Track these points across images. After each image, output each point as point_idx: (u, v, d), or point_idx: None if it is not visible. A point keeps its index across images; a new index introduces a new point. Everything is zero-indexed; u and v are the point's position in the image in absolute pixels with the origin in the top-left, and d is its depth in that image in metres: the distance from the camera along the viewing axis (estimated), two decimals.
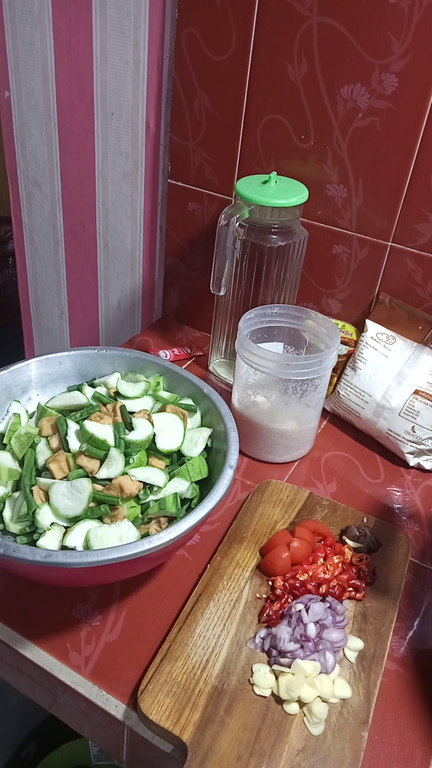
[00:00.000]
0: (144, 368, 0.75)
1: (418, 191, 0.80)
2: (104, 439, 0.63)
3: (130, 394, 0.71)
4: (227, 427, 0.65)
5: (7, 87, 1.10)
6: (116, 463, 0.62)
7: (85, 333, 1.31)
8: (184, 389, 0.73)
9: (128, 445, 0.64)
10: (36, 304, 1.36)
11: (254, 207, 0.80)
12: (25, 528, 0.60)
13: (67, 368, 0.75)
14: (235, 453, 0.62)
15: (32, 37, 1.01)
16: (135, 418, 0.67)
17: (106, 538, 0.57)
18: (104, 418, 0.66)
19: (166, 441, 0.66)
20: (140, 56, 0.93)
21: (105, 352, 0.75)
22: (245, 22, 0.81)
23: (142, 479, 0.62)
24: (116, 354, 0.75)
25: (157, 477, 0.63)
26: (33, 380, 0.73)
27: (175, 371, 0.73)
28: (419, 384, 0.79)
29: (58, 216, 1.19)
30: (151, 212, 1.06)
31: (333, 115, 0.81)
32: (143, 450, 0.65)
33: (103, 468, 0.62)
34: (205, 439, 0.68)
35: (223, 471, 0.60)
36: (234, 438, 0.64)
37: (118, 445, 0.64)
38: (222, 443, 0.65)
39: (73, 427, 0.65)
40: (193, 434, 0.68)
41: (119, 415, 0.66)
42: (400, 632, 0.63)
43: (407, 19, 0.72)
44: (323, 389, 0.78)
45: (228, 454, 0.62)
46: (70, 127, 1.06)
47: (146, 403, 0.70)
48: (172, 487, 0.63)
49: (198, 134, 0.92)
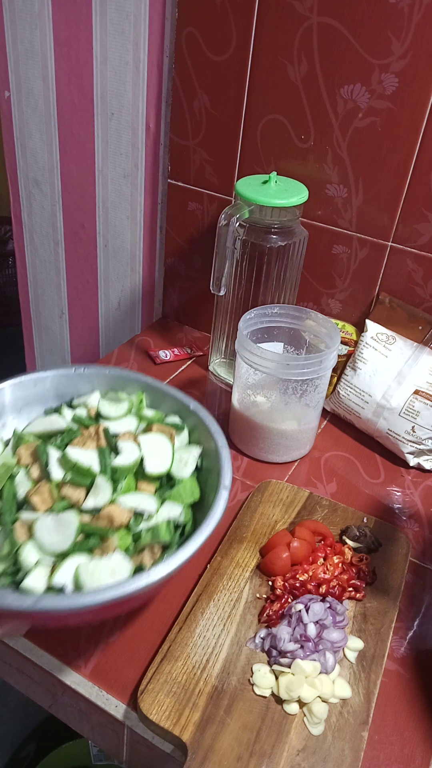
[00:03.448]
0: (125, 385, 0.70)
1: (418, 191, 0.80)
2: (89, 467, 0.59)
3: (113, 414, 0.66)
4: (218, 445, 0.61)
5: (7, 87, 1.10)
6: (103, 492, 0.58)
7: (85, 333, 1.31)
8: (168, 405, 0.69)
9: (115, 471, 0.60)
10: (36, 304, 1.36)
11: (254, 207, 0.80)
12: (9, 567, 0.55)
13: (44, 389, 0.70)
14: (229, 472, 0.59)
15: (32, 37, 1.01)
16: (120, 440, 0.62)
17: (98, 574, 0.52)
18: (87, 442, 0.62)
19: (154, 464, 0.62)
20: (140, 56, 0.93)
21: (83, 370, 0.70)
22: (245, 22, 0.81)
23: (132, 507, 0.58)
24: (95, 372, 0.70)
25: (148, 503, 0.59)
26: (7, 405, 0.68)
27: (158, 387, 0.69)
28: (419, 384, 0.80)
29: (58, 216, 1.19)
30: (151, 212, 1.06)
31: (333, 115, 0.81)
32: (131, 475, 0.61)
33: (90, 497, 0.58)
34: (195, 459, 0.64)
35: (217, 493, 0.57)
36: (226, 456, 0.60)
37: (104, 471, 0.59)
38: (213, 461, 0.62)
39: (55, 455, 0.61)
40: (182, 454, 0.64)
41: (103, 439, 0.62)
42: (400, 632, 0.63)
43: (407, 19, 0.72)
44: (323, 389, 0.78)
45: (221, 474, 0.59)
46: (70, 127, 1.06)
47: (130, 424, 0.66)
48: (165, 512, 0.59)
49: (198, 134, 0.92)
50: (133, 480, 0.61)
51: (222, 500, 0.57)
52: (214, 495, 0.57)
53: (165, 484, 0.63)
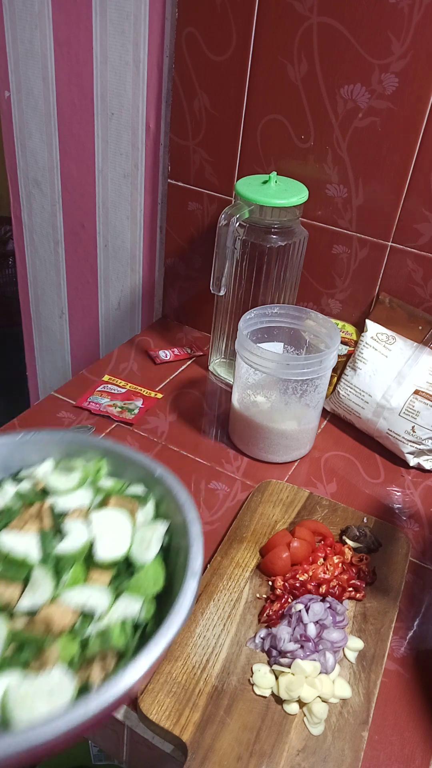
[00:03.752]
0: (82, 451, 0.61)
1: (418, 191, 0.80)
2: (24, 557, 0.49)
3: (62, 487, 0.57)
4: (187, 519, 0.52)
5: (7, 87, 1.10)
6: (42, 587, 0.48)
7: (85, 333, 1.31)
8: (132, 473, 0.59)
9: (58, 559, 0.50)
10: (36, 304, 1.36)
11: (254, 207, 0.80)
12: None
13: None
14: (199, 554, 0.50)
15: (32, 37, 1.01)
16: (68, 520, 0.53)
17: (31, 700, 0.42)
18: (27, 524, 0.53)
19: (107, 548, 0.52)
20: (140, 56, 0.93)
21: (30, 437, 0.60)
22: (245, 22, 0.81)
23: (78, 605, 0.48)
24: (46, 437, 0.60)
25: (98, 599, 0.49)
26: None
27: (120, 452, 0.60)
28: (419, 384, 0.80)
29: (58, 216, 1.19)
30: (151, 212, 1.06)
31: (333, 115, 0.81)
32: (79, 563, 0.51)
33: (25, 596, 0.48)
34: (159, 538, 0.54)
35: (184, 582, 0.47)
36: (197, 533, 0.51)
37: (44, 561, 0.50)
38: (182, 538, 0.52)
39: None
40: (145, 532, 0.54)
41: (47, 519, 0.53)
42: (400, 632, 0.63)
43: (407, 19, 0.72)
44: (323, 389, 0.78)
45: (189, 556, 0.49)
46: (70, 127, 1.06)
47: (84, 498, 0.56)
48: (120, 609, 0.49)
49: (198, 134, 0.92)
50: (82, 569, 0.51)
51: (189, 592, 0.47)
52: (181, 583, 0.48)
53: (123, 571, 0.53)
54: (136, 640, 0.48)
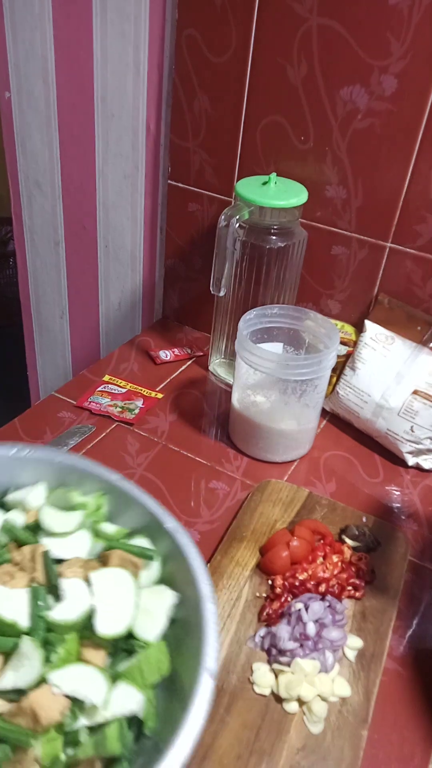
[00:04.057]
0: (81, 481, 0.52)
1: (417, 192, 0.81)
2: (13, 621, 0.41)
3: (59, 529, 0.48)
4: (200, 594, 0.43)
5: (8, 88, 1.10)
6: (29, 664, 0.40)
7: (86, 333, 1.31)
8: (132, 516, 0.50)
9: (51, 628, 0.42)
10: (36, 304, 1.36)
11: (254, 208, 0.80)
12: None
13: None
14: (214, 643, 0.40)
15: (33, 39, 1.02)
16: (65, 575, 0.45)
17: None
18: (16, 574, 0.44)
19: (108, 620, 0.43)
20: (140, 58, 0.93)
21: (27, 453, 0.52)
22: (245, 23, 0.81)
23: (68, 692, 0.39)
24: (42, 457, 0.52)
25: (93, 685, 0.40)
26: None
27: (125, 491, 0.51)
28: (418, 384, 0.80)
29: (58, 217, 1.19)
30: (151, 213, 1.06)
31: (332, 117, 0.81)
32: (74, 634, 0.43)
33: (8, 671, 0.40)
34: (167, 613, 0.45)
35: (196, 678, 0.38)
36: (211, 615, 0.41)
37: (35, 629, 0.41)
38: (191, 614, 0.43)
39: None
40: (150, 600, 0.45)
41: (40, 571, 0.45)
42: (400, 631, 0.63)
43: (406, 20, 0.72)
44: (323, 389, 0.78)
45: (203, 647, 0.39)
46: (71, 129, 1.07)
47: (81, 545, 0.48)
48: (117, 702, 0.40)
49: (198, 135, 0.92)
50: (75, 642, 0.42)
51: (203, 695, 0.37)
52: (192, 680, 0.38)
53: (121, 645, 0.44)
54: (132, 740, 0.41)
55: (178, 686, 0.41)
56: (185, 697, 0.38)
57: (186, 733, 0.36)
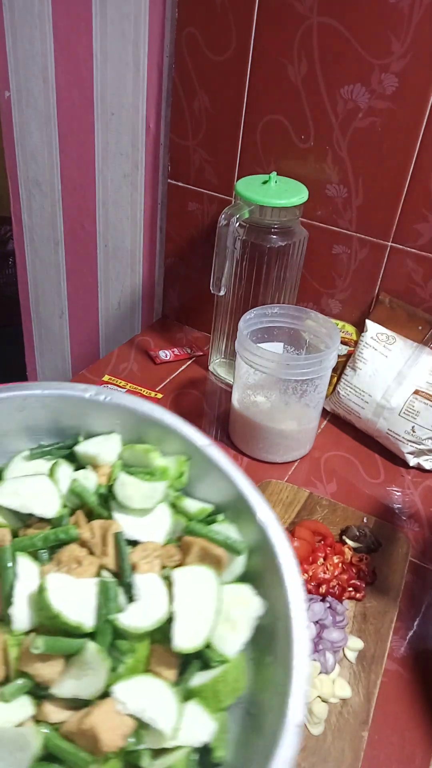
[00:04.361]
0: (162, 439, 0.44)
1: (418, 191, 0.80)
2: (78, 623, 0.34)
3: (134, 504, 0.40)
4: (290, 606, 0.35)
5: (7, 87, 1.10)
6: (93, 674, 0.34)
7: (85, 333, 1.31)
8: (215, 491, 0.42)
9: (120, 634, 0.36)
10: (36, 304, 1.36)
11: (254, 207, 0.80)
12: None
13: (33, 416, 0.44)
14: (303, 682, 0.32)
15: (32, 38, 1.01)
16: (139, 569, 0.38)
17: None
18: (84, 561, 0.37)
19: (189, 631, 0.36)
20: (140, 56, 0.93)
21: (103, 398, 0.43)
22: (245, 22, 0.81)
23: (134, 711, 0.33)
24: (121, 403, 0.44)
25: (162, 706, 0.34)
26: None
27: (213, 460, 0.42)
28: (419, 384, 0.80)
29: (58, 216, 1.19)
30: (151, 212, 1.06)
31: (333, 115, 0.81)
32: (144, 643, 0.36)
33: (69, 679, 0.34)
34: (251, 622, 0.38)
35: (281, 727, 0.31)
36: (305, 642, 0.34)
37: (102, 634, 0.35)
38: (277, 624, 0.36)
39: (28, 576, 0.36)
40: (233, 605, 0.37)
41: (110, 556, 0.38)
42: (400, 632, 0.63)
43: (407, 19, 0.72)
44: (323, 389, 0.78)
45: (290, 679, 0.32)
46: (70, 128, 1.06)
47: (160, 527, 0.40)
48: (187, 730, 0.34)
49: (198, 134, 0.92)
50: (145, 651, 0.36)
51: (288, 751, 0.30)
52: (274, 713, 0.32)
53: (191, 657, 0.37)
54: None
55: (254, 711, 0.35)
56: (264, 730, 0.32)
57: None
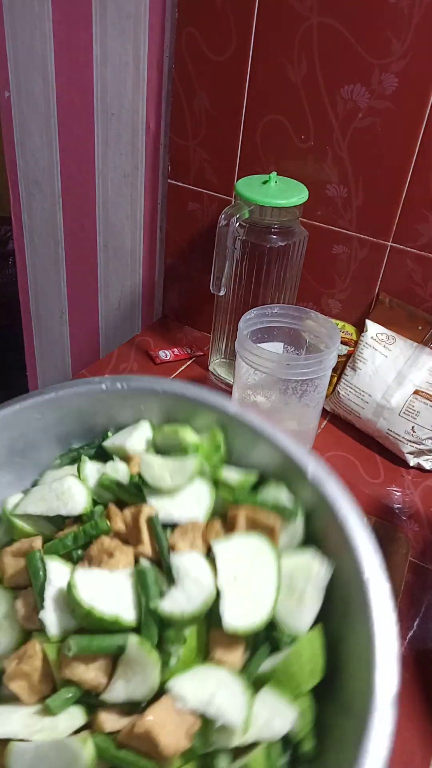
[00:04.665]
0: (191, 413, 0.42)
1: (418, 191, 0.80)
2: (114, 616, 0.31)
3: (165, 483, 0.37)
4: (361, 564, 0.32)
5: (7, 87, 1.10)
6: (142, 671, 0.30)
7: (85, 333, 1.31)
8: (262, 456, 0.39)
9: (163, 624, 0.32)
10: (36, 304, 1.36)
11: (254, 207, 0.80)
12: None
13: (56, 421, 0.42)
14: (390, 641, 0.29)
15: (32, 38, 1.01)
16: (178, 549, 0.34)
17: None
18: (116, 552, 0.34)
19: (242, 607, 0.32)
20: (140, 56, 0.93)
21: (120, 386, 0.41)
22: (245, 22, 0.81)
23: (196, 707, 0.29)
24: (142, 387, 0.42)
25: (228, 697, 0.30)
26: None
27: (249, 424, 0.40)
28: (419, 384, 0.80)
29: (58, 216, 1.19)
30: (151, 212, 1.06)
31: (333, 115, 0.81)
32: (196, 629, 0.33)
33: (118, 682, 0.31)
34: (320, 591, 0.34)
35: (369, 701, 0.28)
36: (385, 602, 0.31)
37: (145, 625, 0.32)
38: (351, 588, 0.32)
39: (58, 578, 0.34)
40: (296, 574, 0.34)
41: (146, 542, 0.35)
42: (400, 632, 0.63)
43: (407, 19, 0.72)
44: (323, 389, 0.78)
45: (374, 653, 0.29)
46: (70, 128, 1.06)
47: (200, 503, 0.37)
48: (261, 721, 0.30)
49: (198, 134, 0.92)
50: (201, 635, 0.33)
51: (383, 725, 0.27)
52: (361, 688, 0.28)
53: (260, 639, 0.34)
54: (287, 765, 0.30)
55: (339, 690, 0.31)
56: (352, 709, 0.28)
57: None
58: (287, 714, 0.30)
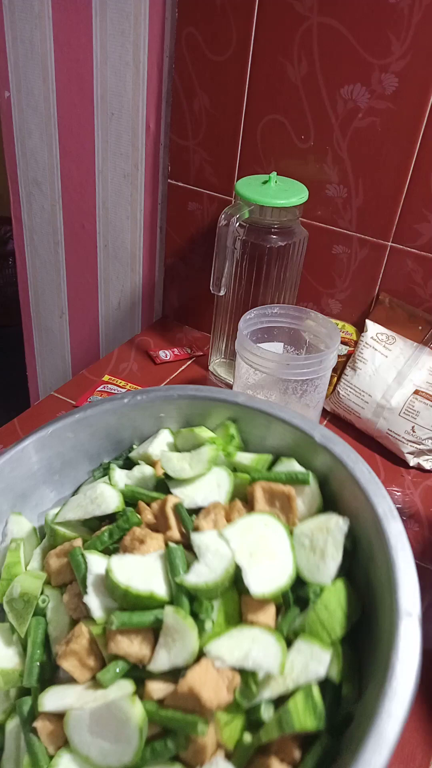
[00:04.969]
0: (205, 413, 0.47)
1: (418, 191, 0.80)
2: (148, 592, 0.35)
3: (186, 473, 0.41)
4: (378, 512, 0.36)
5: (7, 87, 1.10)
6: (180, 638, 0.33)
7: (85, 333, 1.31)
8: (276, 439, 0.43)
9: (191, 595, 0.36)
10: (36, 304, 1.36)
11: (254, 207, 0.80)
12: None
13: (86, 439, 0.47)
14: (411, 576, 0.33)
15: (32, 38, 1.01)
16: (201, 528, 0.38)
17: None
18: (147, 539, 0.38)
19: (264, 575, 0.36)
20: (140, 56, 0.93)
21: (140, 398, 0.46)
22: (245, 22, 0.81)
23: (234, 663, 0.33)
24: (159, 397, 0.47)
25: (264, 649, 0.33)
26: (37, 471, 0.45)
27: (257, 409, 0.44)
28: (419, 384, 0.80)
29: (58, 216, 1.19)
30: (151, 212, 1.06)
31: (333, 115, 0.81)
32: (227, 596, 0.36)
33: (161, 652, 0.34)
34: (339, 543, 0.37)
35: (396, 628, 0.30)
36: (397, 535, 0.35)
37: (177, 597, 0.35)
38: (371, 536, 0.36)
39: (98, 567, 0.37)
40: (317, 535, 0.37)
41: (173, 527, 0.39)
42: None
43: (407, 19, 0.72)
44: (323, 389, 0.78)
45: (394, 577, 0.32)
46: (70, 128, 1.06)
47: (220, 487, 0.41)
48: (298, 665, 0.33)
49: (198, 134, 0.92)
50: (233, 603, 0.36)
51: (409, 646, 0.30)
52: (389, 627, 0.31)
53: (289, 599, 0.37)
54: (325, 711, 0.32)
55: (375, 633, 0.33)
56: (384, 646, 0.30)
57: (396, 696, 0.29)
58: (322, 658, 0.33)
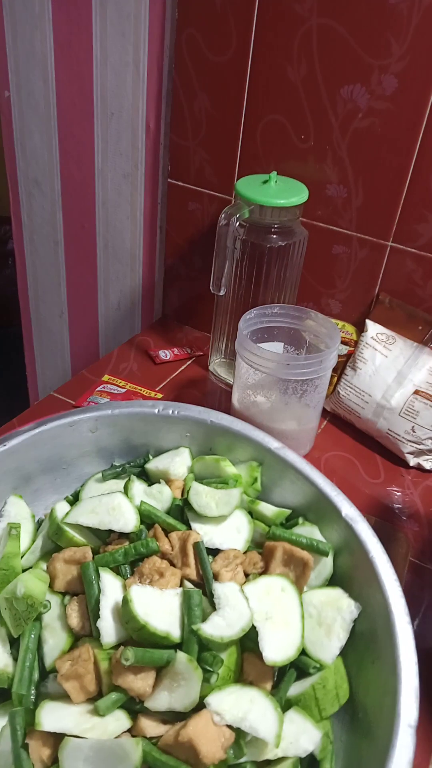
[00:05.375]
0: (234, 446, 0.45)
1: (417, 191, 0.80)
2: (166, 633, 0.35)
3: (211, 512, 0.40)
4: (389, 603, 0.35)
5: (8, 87, 1.10)
6: (186, 685, 0.34)
7: (85, 333, 1.31)
8: (297, 494, 0.42)
9: (204, 644, 0.36)
10: (36, 304, 1.36)
11: (254, 207, 0.80)
12: None
13: (105, 437, 0.45)
14: (413, 684, 0.32)
15: (33, 38, 1.01)
16: (222, 578, 0.38)
17: None
18: (166, 572, 0.37)
19: (276, 642, 0.35)
20: (140, 57, 0.93)
21: (171, 411, 0.46)
22: (245, 22, 0.81)
23: (233, 722, 0.33)
24: (191, 417, 0.45)
25: (261, 715, 0.33)
26: (49, 458, 0.44)
27: (289, 462, 0.43)
28: (419, 384, 0.80)
29: (58, 216, 1.19)
30: (151, 212, 1.06)
31: (333, 116, 0.81)
32: (230, 649, 0.36)
33: (162, 692, 0.34)
34: (348, 627, 0.37)
35: (393, 737, 0.30)
36: (408, 638, 0.35)
37: (188, 642, 0.35)
38: (377, 625, 0.36)
39: (113, 590, 0.36)
40: (325, 609, 0.37)
41: (191, 566, 0.38)
42: None
43: (406, 20, 0.72)
44: (323, 389, 0.78)
45: (398, 681, 0.32)
46: (70, 128, 1.06)
47: (240, 532, 0.41)
48: (289, 739, 0.33)
49: (198, 134, 0.92)
50: (234, 660, 0.36)
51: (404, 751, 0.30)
52: (382, 718, 0.31)
53: (288, 669, 0.37)
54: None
55: (362, 715, 0.33)
56: (374, 734, 0.31)
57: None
58: (313, 734, 0.34)
